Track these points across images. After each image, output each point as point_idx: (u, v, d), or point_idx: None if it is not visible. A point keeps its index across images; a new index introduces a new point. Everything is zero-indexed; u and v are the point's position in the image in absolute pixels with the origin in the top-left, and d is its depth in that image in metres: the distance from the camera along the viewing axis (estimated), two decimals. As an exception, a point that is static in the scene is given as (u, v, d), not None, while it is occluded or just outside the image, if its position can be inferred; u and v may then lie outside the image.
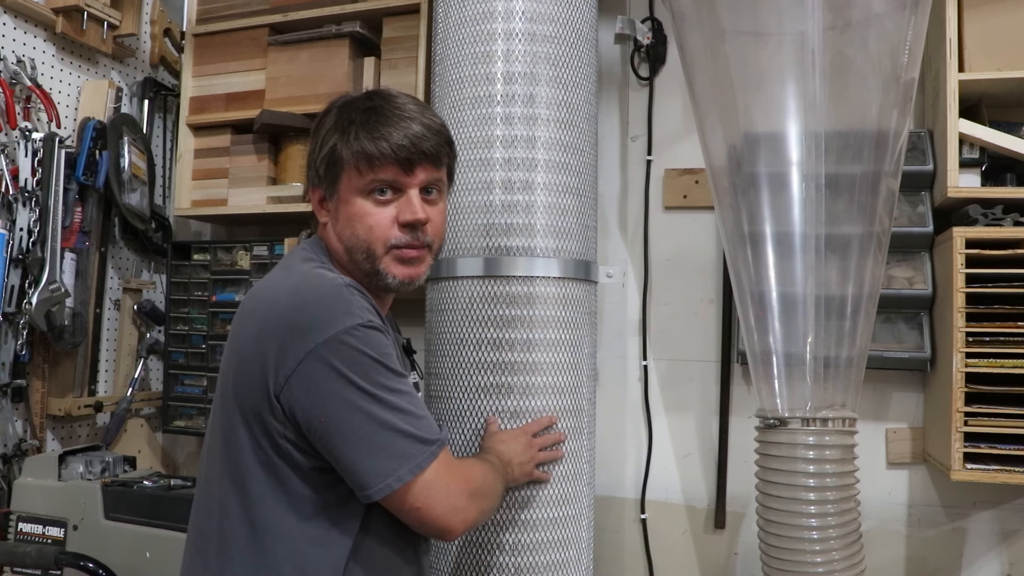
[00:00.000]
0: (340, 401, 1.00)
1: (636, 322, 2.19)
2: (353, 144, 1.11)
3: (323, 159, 1.14)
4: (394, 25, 2.16)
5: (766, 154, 1.65)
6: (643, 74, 2.22)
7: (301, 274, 1.11)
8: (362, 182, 1.12)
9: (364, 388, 1.01)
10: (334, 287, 1.06)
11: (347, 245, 1.15)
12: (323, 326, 1.01)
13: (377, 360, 1.03)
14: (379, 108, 1.13)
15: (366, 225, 1.12)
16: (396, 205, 1.13)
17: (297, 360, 1.00)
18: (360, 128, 1.11)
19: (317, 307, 1.03)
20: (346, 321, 1.02)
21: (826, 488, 1.54)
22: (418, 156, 1.12)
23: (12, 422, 2.06)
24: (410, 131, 1.11)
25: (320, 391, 1.00)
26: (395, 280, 1.15)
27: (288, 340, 1.01)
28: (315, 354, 1.00)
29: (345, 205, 1.14)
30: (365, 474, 1.01)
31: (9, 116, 2.04)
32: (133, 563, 1.80)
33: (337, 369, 1.00)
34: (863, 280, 1.60)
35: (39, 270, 2.06)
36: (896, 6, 1.61)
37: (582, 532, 1.65)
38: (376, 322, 1.05)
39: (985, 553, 1.90)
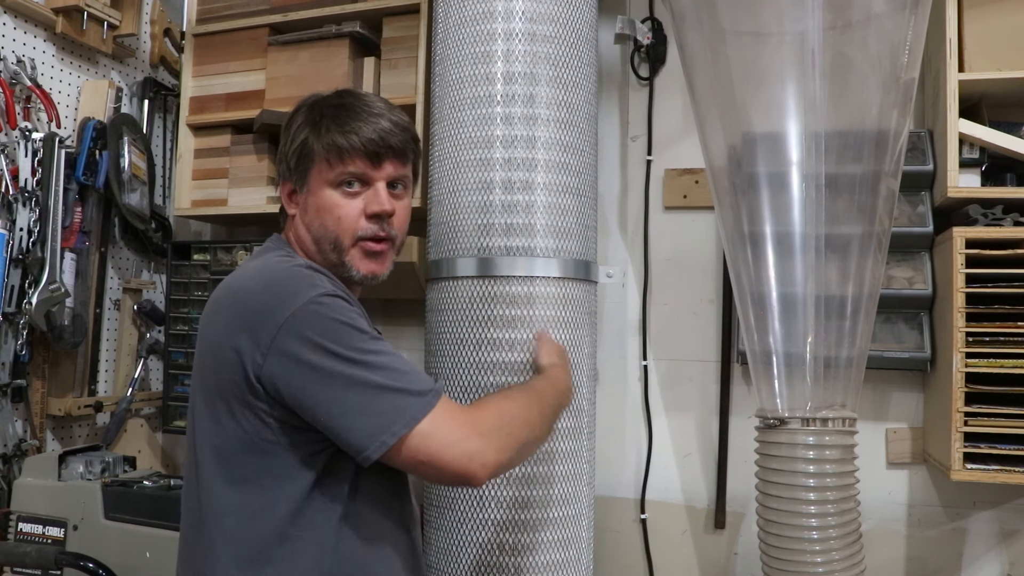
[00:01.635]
0: (320, 370, 1.01)
1: (636, 322, 2.19)
2: (324, 137, 1.15)
3: (294, 152, 1.18)
4: (394, 25, 2.16)
5: (766, 154, 1.65)
6: (643, 74, 2.22)
7: (264, 262, 1.15)
8: (331, 174, 1.15)
9: (340, 353, 1.01)
10: (294, 267, 1.11)
11: (315, 236, 1.18)
12: (289, 300, 1.03)
13: (347, 323, 1.03)
14: (349, 105, 1.18)
15: (335, 216, 1.16)
16: (363, 197, 1.17)
17: (270, 338, 1.02)
18: (331, 122, 1.16)
19: (280, 286, 1.06)
20: (309, 292, 1.04)
21: (826, 488, 1.54)
22: (386, 150, 1.16)
23: (12, 422, 2.06)
24: (379, 126, 1.16)
25: (299, 363, 1.01)
26: (359, 274, 1.18)
27: (258, 321, 1.03)
28: (286, 328, 1.02)
29: (314, 197, 1.17)
30: (359, 437, 1.00)
31: (9, 116, 2.04)
32: (133, 563, 1.80)
33: (310, 339, 1.01)
34: (863, 280, 1.60)
35: (39, 270, 2.06)
36: (896, 6, 1.61)
37: (582, 532, 1.65)
38: (339, 292, 1.08)
39: (985, 553, 1.90)
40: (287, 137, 1.21)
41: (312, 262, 1.17)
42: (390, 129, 1.16)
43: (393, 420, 1.00)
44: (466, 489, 1.58)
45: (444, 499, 1.61)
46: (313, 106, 1.20)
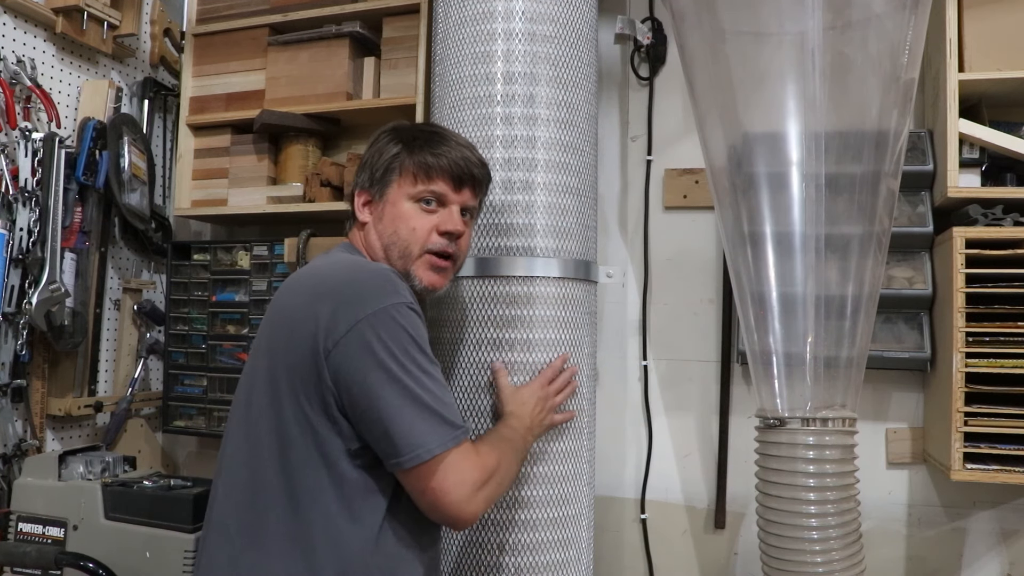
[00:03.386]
0: (380, 371, 1.07)
1: (636, 322, 2.19)
2: (416, 155, 1.26)
3: (383, 163, 1.28)
4: (394, 25, 2.16)
5: (766, 154, 1.65)
6: (643, 74, 2.22)
7: (351, 259, 1.24)
8: (414, 190, 1.26)
9: (402, 362, 1.08)
10: (383, 269, 1.18)
11: (386, 243, 1.26)
12: (373, 299, 1.10)
13: (415, 341, 1.11)
14: (440, 132, 1.32)
15: (410, 226, 1.25)
16: (439, 215, 1.27)
17: (348, 327, 1.08)
18: (424, 143, 1.27)
19: (370, 282, 1.13)
20: (394, 298, 1.11)
21: (826, 488, 1.54)
22: (468, 178, 1.28)
23: (12, 422, 2.06)
24: (465, 155, 1.29)
25: (363, 359, 1.07)
26: (420, 284, 1.25)
27: (341, 307, 1.09)
28: (364, 322, 1.08)
29: (392, 207, 1.26)
30: (398, 442, 1.06)
31: (9, 116, 2.04)
32: (133, 563, 1.80)
33: (382, 340, 1.07)
34: (863, 280, 1.60)
35: (39, 270, 2.06)
36: (896, 6, 1.61)
37: (582, 532, 1.65)
38: (416, 306, 1.14)
39: (985, 553, 1.90)
40: (374, 151, 1.30)
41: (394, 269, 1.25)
42: (475, 161, 1.30)
43: (430, 439, 1.07)
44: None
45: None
46: (404, 128, 1.32)
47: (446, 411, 1.11)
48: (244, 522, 1.13)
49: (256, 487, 1.13)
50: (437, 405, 1.10)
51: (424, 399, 1.08)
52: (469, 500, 1.10)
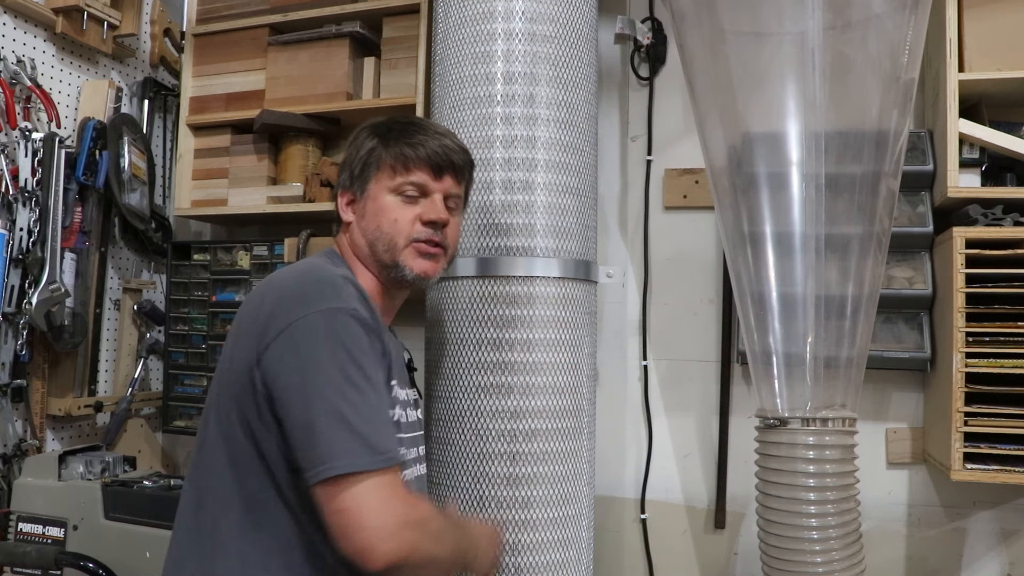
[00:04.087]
0: (303, 376, 1.02)
1: (636, 322, 2.19)
2: (392, 147, 1.23)
3: (360, 160, 1.25)
4: (394, 25, 2.16)
5: (766, 154, 1.65)
6: (643, 74, 2.22)
7: (308, 265, 1.20)
8: (393, 182, 1.23)
9: (328, 371, 1.01)
10: (332, 275, 1.12)
11: (370, 238, 1.23)
12: (311, 303, 1.06)
13: (348, 351, 1.03)
14: (417, 123, 1.28)
15: (391, 218, 1.22)
16: (420, 205, 1.23)
17: (279, 330, 1.04)
18: (400, 134, 1.24)
19: (312, 287, 1.09)
20: (333, 303, 1.06)
21: (826, 488, 1.54)
22: (448, 165, 1.24)
23: (12, 422, 2.06)
24: (444, 143, 1.25)
25: (290, 362, 1.03)
26: (411, 273, 1.22)
27: (278, 310, 1.07)
28: (296, 325, 1.04)
29: (373, 202, 1.23)
30: (311, 453, 0.99)
31: (9, 116, 2.04)
32: (133, 563, 1.80)
33: (310, 345, 1.03)
34: (863, 280, 1.60)
35: (39, 270, 2.06)
36: (896, 6, 1.61)
37: (582, 532, 1.65)
38: (363, 314, 1.07)
39: (985, 553, 1.90)
40: (353, 149, 1.28)
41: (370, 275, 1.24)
42: (454, 147, 1.26)
43: (345, 455, 0.98)
44: (466, 489, 1.58)
45: (444, 499, 1.61)
46: (380, 123, 1.28)
47: (371, 431, 1.00)
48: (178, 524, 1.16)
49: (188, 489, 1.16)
50: (359, 423, 1.00)
51: (345, 413, 0.99)
52: (391, 535, 0.96)
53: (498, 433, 1.56)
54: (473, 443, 1.57)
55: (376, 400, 1.04)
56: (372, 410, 1.03)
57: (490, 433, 1.56)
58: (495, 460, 1.56)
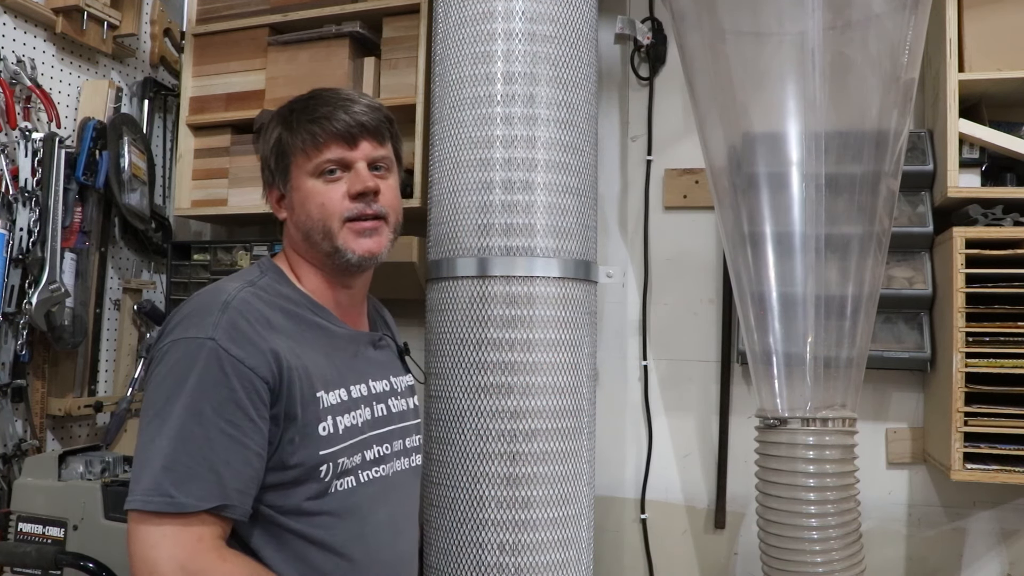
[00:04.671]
0: (145, 402, 1.03)
1: (636, 322, 2.19)
2: (297, 131, 1.15)
3: (271, 151, 1.19)
4: (394, 25, 2.16)
5: (766, 154, 1.65)
6: (643, 74, 2.22)
7: (211, 287, 1.14)
8: (310, 165, 1.15)
9: (161, 400, 1.00)
10: (211, 302, 1.07)
11: (304, 230, 1.16)
12: (174, 330, 1.05)
13: (185, 383, 0.99)
14: (317, 95, 1.18)
15: (318, 203, 1.14)
16: (345, 181, 1.15)
17: (152, 354, 1.07)
18: (301, 114, 1.16)
19: (185, 313, 1.07)
20: (191, 332, 1.03)
21: (826, 488, 1.54)
22: (359, 129, 1.14)
23: (12, 422, 2.06)
24: (349, 108, 1.15)
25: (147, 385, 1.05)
26: (355, 255, 1.14)
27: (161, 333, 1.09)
28: (156, 351, 1.06)
29: (297, 191, 1.16)
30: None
31: (9, 116, 2.04)
32: (133, 563, 1.80)
33: (153, 375, 1.03)
34: (863, 280, 1.60)
35: (39, 270, 2.06)
36: (896, 6, 1.61)
37: (582, 532, 1.65)
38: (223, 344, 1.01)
39: (985, 553, 1.90)
40: (264, 143, 1.22)
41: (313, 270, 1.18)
42: (360, 110, 1.15)
43: (136, 489, 0.98)
44: (466, 489, 1.58)
45: (444, 499, 1.61)
46: (283, 108, 1.21)
47: (169, 469, 0.96)
48: None
49: None
50: (165, 457, 0.97)
51: (155, 445, 0.97)
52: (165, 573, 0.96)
53: (498, 433, 1.56)
54: (473, 443, 1.57)
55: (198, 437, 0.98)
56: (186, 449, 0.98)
57: (490, 433, 1.56)
58: (495, 460, 1.56)
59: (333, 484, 1.10)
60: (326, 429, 1.10)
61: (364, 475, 1.15)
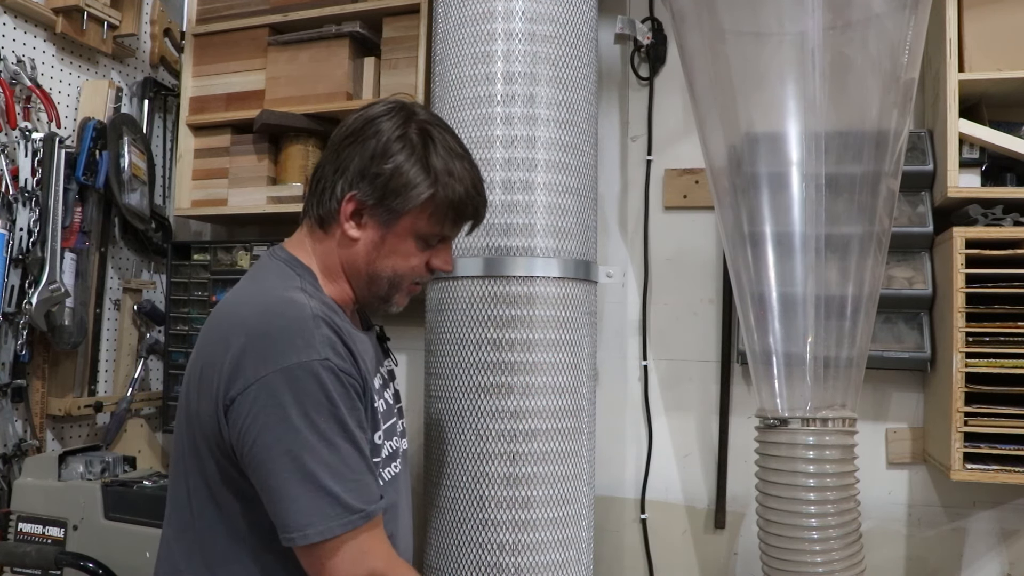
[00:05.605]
0: (272, 436, 0.98)
1: (636, 322, 2.19)
2: (443, 199, 1.11)
3: (402, 190, 1.10)
4: (394, 25, 2.16)
5: (766, 154, 1.65)
6: (643, 74, 2.22)
7: (273, 295, 1.09)
8: (428, 230, 1.14)
9: (299, 429, 0.98)
10: (301, 317, 1.04)
11: (375, 272, 1.15)
12: (281, 355, 1.00)
13: (320, 405, 0.99)
14: (471, 169, 1.16)
15: (409, 265, 1.16)
16: (431, 253, 1.18)
17: (247, 383, 1.00)
18: (457, 183, 1.12)
19: (282, 333, 1.02)
20: (306, 355, 1.00)
21: (826, 488, 1.54)
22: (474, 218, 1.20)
23: (12, 422, 2.06)
24: (482, 199, 1.19)
25: (258, 419, 0.99)
26: (396, 309, 1.20)
27: (245, 359, 1.01)
28: (264, 380, 0.99)
29: (393, 238, 1.13)
30: (285, 519, 0.98)
31: (9, 116, 2.04)
32: (133, 563, 1.80)
33: (280, 403, 0.98)
34: (863, 280, 1.60)
35: (39, 270, 2.06)
36: (896, 6, 1.61)
37: (582, 532, 1.65)
38: (335, 362, 1.02)
39: (985, 553, 1.90)
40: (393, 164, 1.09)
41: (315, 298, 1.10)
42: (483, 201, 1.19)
43: (317, 520, 0.97)
44: (466, 489, 1.58)
45: (444, 499, 1.61)
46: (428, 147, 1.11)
47: (345, 489, 0.98)
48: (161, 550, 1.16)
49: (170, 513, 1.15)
50: (332, 481, 0.98)
51: (317, 474, 0.97)
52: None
53: (498, 433, 1.56)
54: (473, 443, 1.57)
55: (350, 452, 1.01)
56: (346, 465, 1.00)
57: (490, 433, 1.56)
58: (495, 460, 1.56)
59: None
60: (380, 438, 1.14)
61: (387, 472, 1.17)
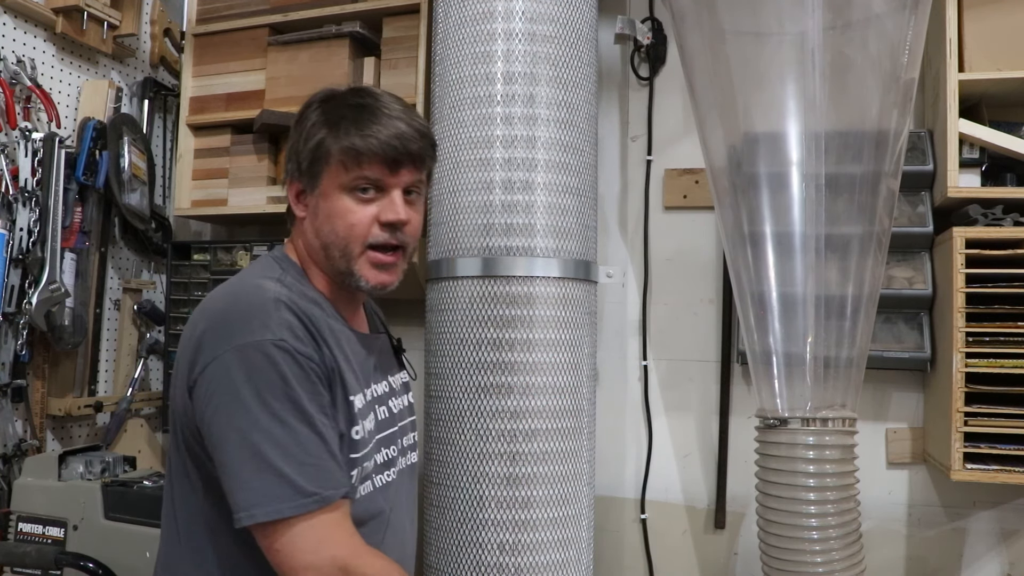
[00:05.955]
0: (224, 416, 0.98)
1: (636, 322, 2.19)
2: (343, 139, 1.09)
3: (308, 152, 1.12)
4: (394, 25, 2.16)
5: (766, 154, 1.65)
6: (643, 74, 2.22)
7: (242, 283, 1.11)
8: (347, 178, 1.10)
9: (249, 408, 0.97)
10: (262, 299, 1.04)
11: (324, 241, 1.13)
12: (237, 334, 1.00)
13: (272, 387, 0.98)
14: (369, 106, 1.12)
15: (347, 222, 1.10)
16: (378, 204, 1.11)
17: (206, 363, 1.01)
18: (351, 124, 1.10)
19: (238, 315, 1.03)
20: (260, 335, 1.00)
21: (826, 488, 1.54)
22: (405, 156, 1.11)
23: (12, 422, 2.06)
24: (399, 131, 1.10)
25: (214, 399, 0.99)
26: (367, 284, 1.13)
27: (205, 340, 1.02)
28: (220, 360, 1.00)
29: (326, 201, 1.12)
30: (235, 497, 0.97)
31: (9, 116, 2.04)
32: (133, 563, 1.80)
33: (233, 380, 0.98)
34: (863, 280, 1.60)
35: (39, 270, 2.06)
36: (896, 6, 1.61)
37: (582, 532, 1.65)
38: (291, 344, 1.01)
39: (985, 553, 1.90)
40: (299, 134, 1.14)
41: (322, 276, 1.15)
42: (411, 135, 1.11)
43: (266, 501, 0.96)
44: (466, 489, 1.58)
45: (444, 499, 1.61)
46: (329, 103, 1.14)
47: (299, 471, 0.96)
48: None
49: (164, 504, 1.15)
50: (284, 462, 0.96)
51: (267, 454, 0.96)
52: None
53: (498, 433, 1.56)
54: (473, 443, 1.57)
55: (307, 435, 0.99)
56: (300, 447, 0.98)
57: (490, 433, 1.56)
58: (495, 460, 1.56)
59: (357, 490, 1.09)
60: (359, 433, 1.10)
61: (379, 479, 1.15)
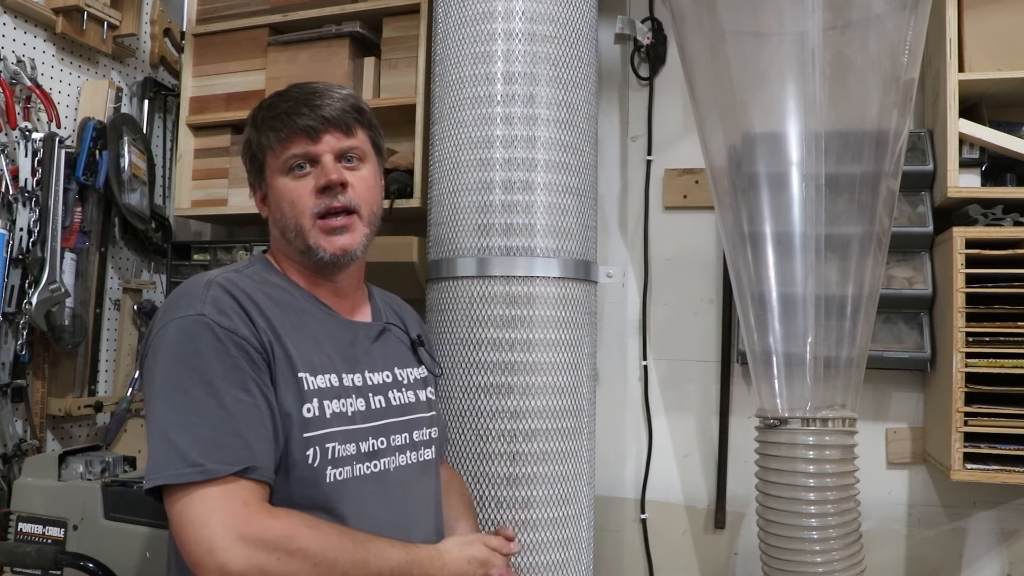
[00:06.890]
0: (147, 389, 1.05)
1: (636, 322, 2.19)
2: (262, 128, 1.16)
3: (245, 154, 1.21)
4: (394, 25, 2.16)
5: (766, 154, 1.65)
6: (643, 74, 2.22)
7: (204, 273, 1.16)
8: (278, 162, 1.15)
9: (155, 380, 1.02)
10: (195, 283, 1.10)
11: (280, 228, 1.18)
12: (164, 314, 1.07)
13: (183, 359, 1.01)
14: (284, 92, 1.19)
15: (288, 200, 1.15)
16: (314, 176, 1.14)
17: (144, 345, 1.09)
18: (266, 112, 1.17)
19: (172, 299, 1.10)
20: (182, 311, 1.05)
21: (826, 488, 1.54)
22: (320, 123, 1.13)
23: (12, 422, 2.06)
24: (310, 102, 1.14)
25: (143, 377, 1.07)
26: (327, 254, 1.14)
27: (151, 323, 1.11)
28: (150, 339, 1.07)
29: (272, 190, 1.18)
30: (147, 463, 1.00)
31: (9, 116, 2.04)
32: (133, 563, 1.80)
33: (154, 356, 1.04)
34: (863, 280, 1.60)
35: (39, 270, 2.06)
36: (896, 6, 1.61)
37: (582, 532, 1.65)
38: (212, 318, 1.03)
39: (985, 553, 1.90)
40: (242, 146, 1.24)
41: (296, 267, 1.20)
42: (322, 103, 1.14)
43: (151, 470, 0.98)
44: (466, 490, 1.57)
45: (444, 499, 1.61)
46: (254, 109, 1.22)
47: (191, 441, 0.97)
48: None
49: None
50: (177, 431, 0.97)
51: (163, 423, 0.98)
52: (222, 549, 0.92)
53: (498, 433, 1.56)
54: (473, 443, 1.57)
55: (210, 406, 0.99)
56: (199, 417, 0.98)
57: (490, 433, 1.56)
58: (495, 460, 1.56)
59: (326, 473, 1.07)
60: (311, 411, 1.08)
61: (360, 468, 1.13)
